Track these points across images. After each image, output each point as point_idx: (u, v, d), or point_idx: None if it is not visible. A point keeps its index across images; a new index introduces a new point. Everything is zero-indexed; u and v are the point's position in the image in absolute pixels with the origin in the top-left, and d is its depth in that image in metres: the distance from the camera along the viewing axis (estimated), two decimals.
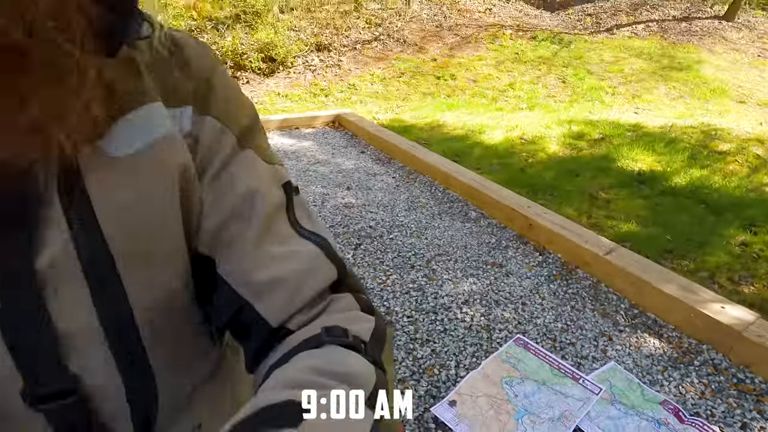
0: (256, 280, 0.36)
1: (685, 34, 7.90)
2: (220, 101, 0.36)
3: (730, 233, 2.49)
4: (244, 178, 0.36)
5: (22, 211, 0.28)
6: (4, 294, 0.29)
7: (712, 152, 3.63)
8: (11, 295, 0.29)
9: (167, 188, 0.33)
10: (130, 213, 0.31)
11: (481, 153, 3.83)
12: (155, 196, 0.32)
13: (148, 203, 0.32)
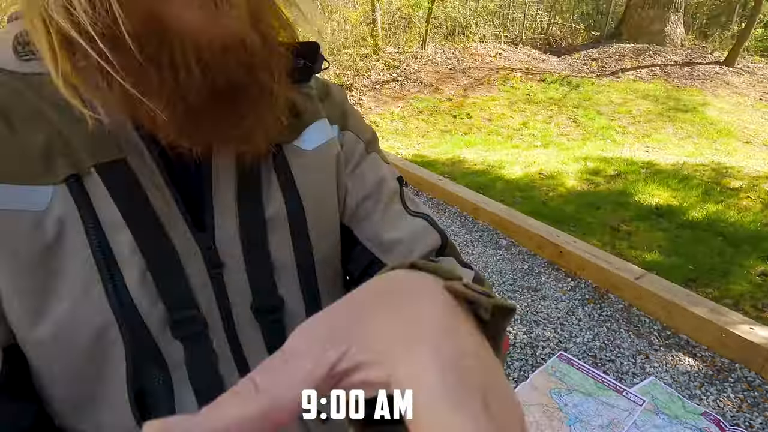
0: (384, 240, 0.50)
1: (688, 78, 8.28)
2: (352, 121, 0.53)
3: (749, 264, 2.62)
4: (372, 172, 0.51)
5: (257, 182, 0.43)
6: (248, 231, 0.41)
7: (724, 188, 3.81)
8: (252, 233, 0.41)
9: (331, 173, 0.49)
10: (315, 186, 0.47)
11: (503, 187, 4.03)
12: (326, 177, 0.48)
13: (322, 181, 0.48)
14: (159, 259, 0.36)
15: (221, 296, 0.39)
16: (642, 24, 9.38)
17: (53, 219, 0.33)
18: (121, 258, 0.35)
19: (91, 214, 0.34)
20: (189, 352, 0.38)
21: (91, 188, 0.34)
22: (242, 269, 0.41)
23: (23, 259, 0.32)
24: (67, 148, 0.33)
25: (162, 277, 0.36)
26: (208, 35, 0.30)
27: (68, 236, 0.33)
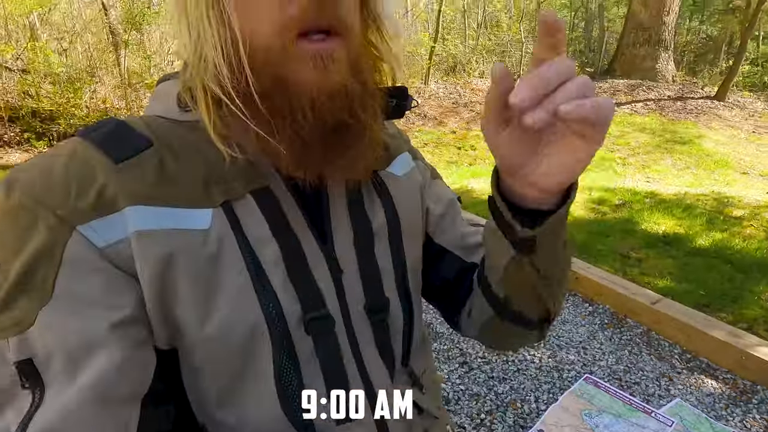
0: (466, 245, 0.60)
1: (682, 111, 8.60)
2: (418, 154, 0.64)
3: (759, 290, 2.70)
4: (444, 194, 0.61)
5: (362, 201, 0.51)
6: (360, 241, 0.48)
7: (727, 217, 3.93)
8: (363, 243, 0.48)
9: (417, 195, 0.59)
10: (406, 204, 0.56)
11: None
12: (414, 198, 0.58)
13: (412, 201, 0.57)
14: (296, 267, 0.43)
15: (341, 298, 0.46)
16: (634, 61, 9.80)
17: (214, 237, 0.40)
18: (267, 267, 0.41)
19: (241, 232, 0.41)
20: (319, 347, 0.44)
21: (241, 211, 0.41)
22: (357, 274, 0.47)
23: (195, 270, 0.39)
24: (221, 179, 0.41)
25: (299, 282, 0.43)
26: (319, 87, 0.38)
27: (226, 251, 0.40)
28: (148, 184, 0.39)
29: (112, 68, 7.25)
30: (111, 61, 7.30)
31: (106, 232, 0.37)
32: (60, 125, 6.18)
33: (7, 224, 0.37)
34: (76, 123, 6.26)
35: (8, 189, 0.38)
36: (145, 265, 0.37)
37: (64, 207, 0.37)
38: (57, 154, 0.40)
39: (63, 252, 0.36)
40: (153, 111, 0.46)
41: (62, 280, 0.36)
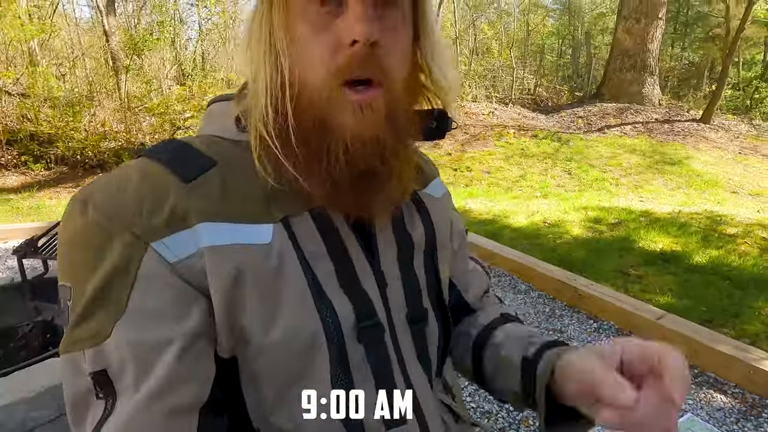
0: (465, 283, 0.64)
1: (669, 134, 8.84)
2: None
3: (759, 305, 2.73)
4: (458, 222, 0.66)
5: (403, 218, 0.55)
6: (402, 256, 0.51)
7: (721, 235, 4.00)
8: (405, 257, 0.51)
9: (449, 215, 0.63)
10: (441, 223, 0.59)
11: (512, 235, 4.18)
12: (447, 217, 0.62)
13: (445, 221, 0.61)
14: (348, 281, 0.45)
15: (387, 309, 0.48)
16: (621, 86, 10.12)
17: (276, 251, 0.42)
18: (323, 280, 0.44)
19: (299, 247, 0.43)
20: (370, 354, 0.46)
21: (297, 227, 0.44)
22: (400, 286, 0.50)
23: (261, 282, 0.41)
24: (280, 197, 0.43)
25: (352, 294, 0.45)
26: (354, 133, 0.40)
27: (287, 264, 0.42)
28: (215, 202, 0.41)
29: (112, 92, 7.33)
30: (111, 85, 7.39)
31: (178, 248, 0.39)
32: (58, 148, 6.20)
33: (83, 241, 0.39)
34: (74, 146, 6.28)
35: (83, 207, 0.40)
36: (216, 278, 0.39)
37: (139, 225, 0.39)
38: (127, 174, 0.42)
39: (138, 268, 0.38)
40: (209, 131, 0.48)
41: (136, 294, 0.37)
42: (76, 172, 6.41)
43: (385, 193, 0.45)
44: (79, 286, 0.38)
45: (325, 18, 0.39)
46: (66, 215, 0.41)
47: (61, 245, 0.41)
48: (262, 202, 0.43)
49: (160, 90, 7.78)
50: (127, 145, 6.59)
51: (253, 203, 0.43)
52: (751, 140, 8.52)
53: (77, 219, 0.40)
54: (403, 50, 0.42)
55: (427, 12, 0.45)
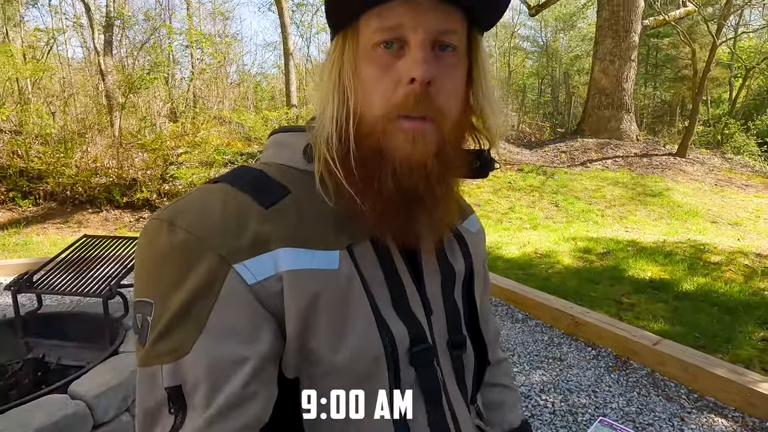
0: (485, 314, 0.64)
1: (648, 167, 9.20)
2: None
3: (748, 330, 2.80)
4: (483, 253, 0.69)
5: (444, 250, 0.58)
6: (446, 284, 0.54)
7: (706, 263, 4.12)
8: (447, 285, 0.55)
9: (484, 250, 0.67)
10: (478, 256, 0.63)
11: (505, 265, 4.24)
12: (482, 251, 0.66)
13: (481, 254, 0.65)
14: (402, 306, 0.48)
15: (431, 334, 0.51)
16: (600, 122, 10.58)
17: (343, 275, 0.44)
18: (381, 305, 0.46)
19: (361, 273, 0.46)
20: (421, 375, 0.48)
21: (359, 254, 0.46)
22: (443, 314, 0.53)
23: (332, 306, 0.43)
24: (346, 225, 0.47)
25: (406, 318, 0.48)
26: (402, 158, 0.44)
27: (353, 288, 0.45)
28: (292, 228, 0.44)
29: (105, 129, 7.39)
30: (105, 122, 7.45)
31: (257, 270, 0.41)
32: (48, 184, 6.15)
33: (170, 259, 0.41)
34: (64, 182, 6.24)
35: (171, 227, 0.42)
36: (293, 301, 0.42)
37: (224, 246, 0.41)
38: (209, 197, 0.44)
39: (221, 288, 0.40)
40: (277, 159, 0.52)
41: (216, 313, 0.39)
42: (65, 208, 6.34)
43: (431, 218, 0.48)
44: (162, 302, 0.40)
45: (388, 59, 0.44)
46: (149, 235, 0.43)
47: (144, 263, 0.43)
48: (331, 229, 0.46)
49: (153, 127, 7.86)
50: (118, 180, 6.58)
51: (323, 230, 0.46)
52: (725, 173, 8.91)
53: (164, 238, 0.42)
54: (456, 91, 0.47)
55: (480, 57, 0.49)
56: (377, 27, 0.43)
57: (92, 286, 2.21)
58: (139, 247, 0.44)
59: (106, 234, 5.62)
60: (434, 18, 0.43)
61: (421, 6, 0.42)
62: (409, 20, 0.42)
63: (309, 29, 16.01)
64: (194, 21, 12.73)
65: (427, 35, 0.43)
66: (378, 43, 0.43)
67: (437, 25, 0.43)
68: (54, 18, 11.96)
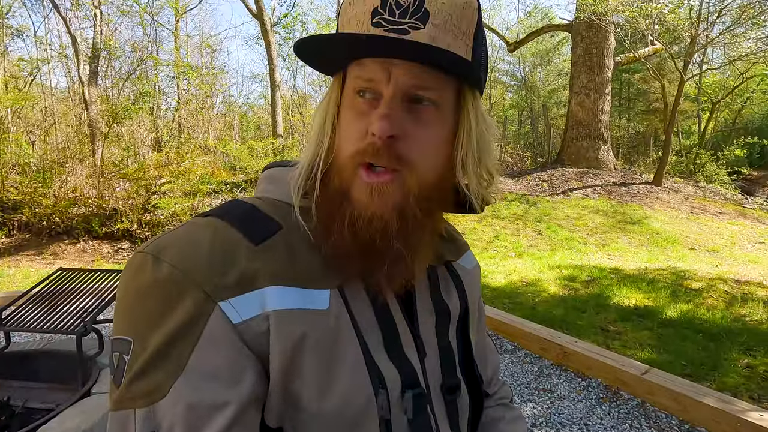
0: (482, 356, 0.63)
1: (627, 195, 9.47)
2: None
3: (733, 357, 2.82)
4: (478, 290, 0.65)
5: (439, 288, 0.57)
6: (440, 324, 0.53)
7: (688, 290, 4.19)
8: (442, 325, 0.53)
9: (479, 287, 0.66)
10: (473, 295, 0.62)
11: (491, 294, 4.23)
12: (478, 289, 0.65)
13: (476, 292, 0.64)
14: (394, 349, 0.47)
15: (425, 377, 0.49)
16: (579, 152, 10.93)
17: (333, 316, 0.43)
18: (372, 347, 0.45)
19: (351, 313, 0.44)
20: (413, 421, 0.46)
21: (350, 294, 0.45)
22: (437, 356, 0.51)
23: (320, 347, 0.41)
24: (335, 264, 0.45)
25: (398, 362, 0.46)
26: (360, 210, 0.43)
27: (342, 330, 0.43)
28: (282, 266, 0.43)
29: (86, 158, 7.28)
30: (87, 151, 7.35)
31: (243, 309, 0.39)
32: (24, 214, 5.97)
33: (153, 296, 0.39)
34: (41, 212, 6.07)
35: (156, 261, 0.40)
36: (279, 341, 0.40)
37: (210, 283, 0.39)
38: (197, 232, 0.43)
39: (204, 327, 0.38)
40: (270, 194, 0.51)
41: (197, 353, 0.37)
42: (40, 239, 6.14)
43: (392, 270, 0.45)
44: (142, 340, 0.38)
45: (364, 107, 0.44)
46: (133, 268, 0.41)
47: (125, 298, 0.41)
48: (322, 267, 0.45)
49: (136, 156, 7.79)
50: (97, 210, 6.43)
51: (313, 269, 0.44)
52: (699, 201, 9.22)
53: (149, 273, 0.40)
54: (432, 146, 0.45)
55: (466, 116, 0.47)
56: (357, 75, 0.44)
57: (66, 322, 2.11)
58: (122, 281, 0.42)
59: (82, 266, 5.44)
60: (408, 74, 0.42)
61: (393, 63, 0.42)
62: (383, 75, 0.42)
63: (296, 62, 16.37)
64: (182, 53, 12.90)
65: (397, 90, 0.42)
66: (357, 90, 0.44)
67: (410, 81, 0.42)
68: (39, 49, 11.99)
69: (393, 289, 0.49)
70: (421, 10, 0.42)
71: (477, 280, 0.64)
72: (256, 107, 18.15)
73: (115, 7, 11.35)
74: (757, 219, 8.18)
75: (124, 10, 11.28)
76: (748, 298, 3.90)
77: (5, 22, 10.65)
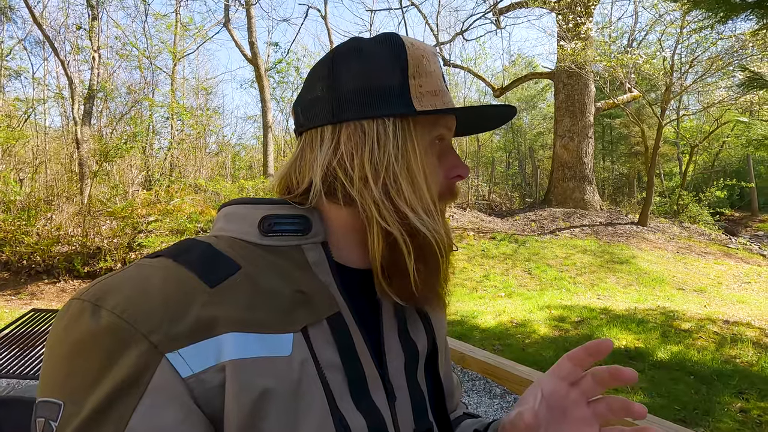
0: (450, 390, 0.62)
1: (613, 235, 9.59)
2: None
3: (726, 400, 2.77)
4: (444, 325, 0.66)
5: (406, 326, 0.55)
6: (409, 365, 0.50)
7: (678, 330, 4.17)
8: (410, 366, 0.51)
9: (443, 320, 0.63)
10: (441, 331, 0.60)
11: (481, 335, 4.15)
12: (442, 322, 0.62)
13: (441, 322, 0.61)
14: (360, 393, 0.44)
15: (395, 424, 0.47)
16: (565, 193, 11.16)
17: (296, 363, 0.40)
18: (336, 392, 0.42)
19: (315, 357, 0.42)
20: None
21: (315, 336, 0.42)
22: (408, 400, 0.49)
23: (283, 399, 0.38)
24: (307, 303, 0.43)
25: (365, 409, 0.44)
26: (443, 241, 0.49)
27: (306, 376, 0.40)
28: (240, 310, 0.39)
29: (74, 196, 7.24)
30: (75, 189, 7.32)
31: (194, 360, 0.36)
32: (4, 252, 5.83)
33: (89, 349, 0.35)
34: (21, 250, 5.94)
35: (95, 310, 0.36)
36: (236, 397, 0.36)
37: (159, 332, 0.35)
38: (146, 274, 0.39)
39: (149, 381, 0.34)
40: (227, 232, 0.48)
41: (140, 411, 0.33)
42: (19, 279, 5.96)
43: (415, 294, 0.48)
44: (74, 403, 0.34)
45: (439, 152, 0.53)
46: (66, 319, 0.37)
47: (54, 354, 0.36)
48: (285, 309, 0.42)
49: (125, 194, 7.77)
50: (81, 249, 6.31)
51: (276, 311, 0.41)
52: (684, 240, 9.36)
53: (85, 323, 0.35)
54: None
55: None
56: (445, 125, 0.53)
57: (35, 367, 2.01)
58: (53, 334, 0.37)
59: (59, 307, 5.25)
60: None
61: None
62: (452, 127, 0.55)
63: (288, 104, 16.83)
64: (177, 95, 13.21)
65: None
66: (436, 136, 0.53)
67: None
68: (36, 89, 12.20)
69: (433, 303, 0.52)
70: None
71: (442, 314, 0.62)
72: (249, 147, 18.42)
73: (114, 52, 11.73)
74: (742, 259, 8.29)
75: (122, 54, 11.64)
76: (737, 339, 3.88)
77: (4, 64, 10.89)
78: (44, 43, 11.10)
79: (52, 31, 10.25)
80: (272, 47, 16.45)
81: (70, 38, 10.85)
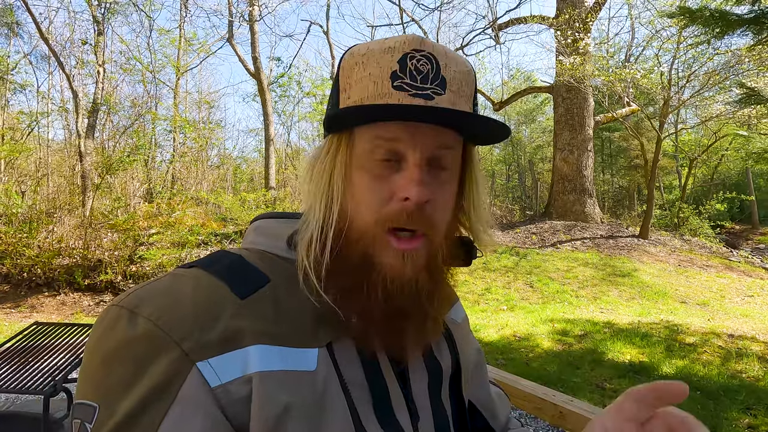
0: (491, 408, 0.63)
1: (614, 248, 9.58)
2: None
3: (733, 416, 2.73)
4: (474, 341, 0.63)
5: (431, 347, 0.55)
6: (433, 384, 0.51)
7: (682, 344, 4.13)
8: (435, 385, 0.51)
9: (471, 338, 0.63)
10: (465, 350, 0.58)
11: (484, 349, 4.10)
12: (470, 341, 0.62)
13: (467, 346, 0.61)
14: (384, 412, 0.44)
15: None
16: (566, 206, 11.17)
17: (321, 378, 0.41)
18: (360, 409, 0.42)
19: (340, 373, 0.42)
20: None
21: (340, 353, 0.43)
22: (430, 418, 0.49)
23: (306, 412, 0.39)
24: (327, 319, 0.43)
25: (387, 424, 0.44)
26: (393, 276, 0.43)
27: (330, 392, 0.41)
28: (268, 323, 0.41)
29: (76, 208, 7.26)
30: (77, 202, 7.34)
31: (223, 371, 0.37)
32: (5, 265, 5.82)
33: (125, 355, 0.36)
34: (22, 263, 5.93)
35: (132, 317, 0.37)
36: (261, 410, 0.37)
37: (190, 340, 0.37)
38: (179, 284, 0.41)
39: (179, 390, 0.35)
40: (257, 245, 0.49)
41: (170, 418, 0.34)
42: (19, 291, 5.94)
43: (419, 332, 0.46)
44: (108, 406, 0.35)
45: (385, 170, 0.43)
46: (105, 324, 0.38)
47: (93, 358, 0.37)
48: (311, 323, 0.43)
49: (126, 207, 7.79)
50: (82, 261, 6.30)
51: (302, 325, 0.42)
52: (686, 253, 9.35)
53: (122, 329, 0.37)
54: (448, 204, 0.47)
55: (473, 170, 0.50)
56: (377, 136, 0.43)
57: (34, 381, 1.99)
58: (92, 338, 0.38)
59: (60, 319, 5.23)
60: (433, 136, 0.43)
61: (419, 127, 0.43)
62: (408, 137, 0.42)
63: (290, 118, 16.98)
64: (180, 109, 13.33)
65: (423, 154, 0.43)
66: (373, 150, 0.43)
67: (434, 143, 0.43)
68: (40, 103, 12.33)
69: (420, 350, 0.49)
70: (439, 78, 0.43)
71: (467, 332, 0.62)
72: (250, 159, 18.53)
73: (118, 66, 11.88)
74: (744, 272, 8.27)
75: (126, 68, 11.79)
76: (742, 353, 3.84)
77: (10, 78, 11.03)
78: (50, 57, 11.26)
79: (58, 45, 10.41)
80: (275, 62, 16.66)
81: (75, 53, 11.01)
